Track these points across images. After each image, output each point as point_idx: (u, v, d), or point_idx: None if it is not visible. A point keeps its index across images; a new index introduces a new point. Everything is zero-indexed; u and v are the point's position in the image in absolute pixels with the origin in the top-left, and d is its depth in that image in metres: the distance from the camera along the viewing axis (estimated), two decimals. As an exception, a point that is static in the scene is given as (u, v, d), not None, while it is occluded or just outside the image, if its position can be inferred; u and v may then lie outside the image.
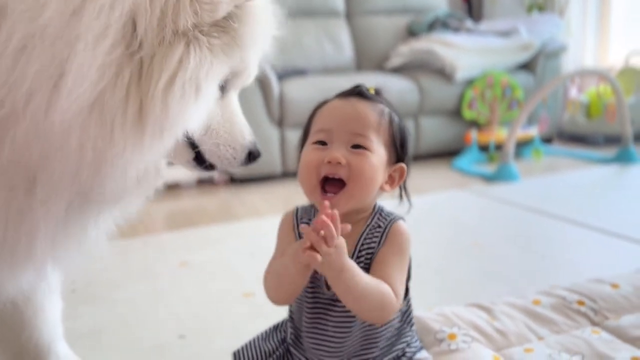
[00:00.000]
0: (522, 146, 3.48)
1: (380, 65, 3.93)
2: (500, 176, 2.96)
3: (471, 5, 4.84)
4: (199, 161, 0.92)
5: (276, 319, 1.10)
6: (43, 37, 0.69)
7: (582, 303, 1.29)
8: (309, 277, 0.89)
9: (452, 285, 1.67)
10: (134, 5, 0.73)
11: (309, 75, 3.51)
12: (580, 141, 4.01)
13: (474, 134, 3.47)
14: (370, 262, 0.92)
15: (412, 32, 4.09)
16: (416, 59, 3.72)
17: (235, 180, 3.21)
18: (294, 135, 3.19)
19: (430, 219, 2.32)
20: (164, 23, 0.74)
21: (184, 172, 2.86)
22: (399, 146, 0.95)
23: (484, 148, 3.51)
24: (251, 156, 0.95)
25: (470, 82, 3.61)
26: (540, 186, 2.87)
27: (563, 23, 4.16)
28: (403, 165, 0.96)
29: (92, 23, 0.70)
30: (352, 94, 0.95)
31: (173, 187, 3.07)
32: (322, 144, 0.91)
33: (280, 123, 3.19)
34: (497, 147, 3.42)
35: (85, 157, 0.73)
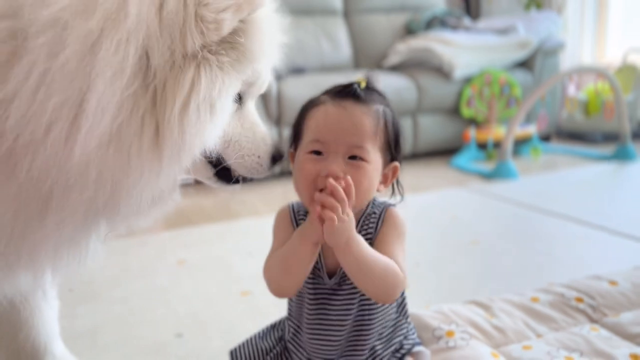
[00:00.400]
0: (521, 144, 3.48)
1: (378, 64, 3.92)
2: (499, 174, 2.96)
3: (469, 3, 4.84)
4: (221, 176, 0.93)
5: (274, 318, 1.10)
6: (63, 72, 0.70)
7: (580, 300, 1.29)
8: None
9: (450, 282, 1.67)
10: (147, 36, 0.73)
11: (307, 74, 3.50)
12: (578, 139, 4.00)
13: (472, 132, 3.47)
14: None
15: (410, 30, 4.08)
16: (414, 57, 3.72)
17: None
18: (292, 133, 3.19)
19: (428, 216, 2.32)
20: (174, 48, 0.74)
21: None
22: (394, 147, 0.95)
23: (483, 146, 3.50)
24: (275, 159, 0.95)
25: (468, 80, 3.61)
26: (539, 184, 2.86)
27: (561, 20, 4.16)
28: (397, 164, 0.96)
29: (110, 59, 0.71)
30: (346, 95, 0.92)
31: (171, 186, 3.06)
32: (317, 153, 0.90)
33: (278, 122, 3.19)
34: (495, 145, 3.42)
35: (103, 187, 0.75)
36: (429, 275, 1.70)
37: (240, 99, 0.89)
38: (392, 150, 0.94)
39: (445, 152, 3.61)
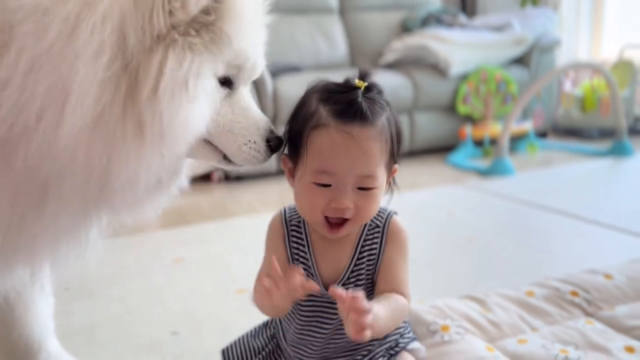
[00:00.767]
0: (517, 140, 3.48)
1: (374, 61, 3.92)
2: (495, 171, 2.96)
3: (464, 0, 4.84)
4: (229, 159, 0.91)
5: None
6: (49, 57, 0.71)
7: (575, 294, 1.29)
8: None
9: (447, 279, 1.67)
10: (122, 16, 0.73)
11: (303, 72, 3.50)
12: (575, 135, 4.01)
13: (468, 129, 3.47)
14: (373, 265, 0.93)
15: (405, 28, 4.08)
16: (410, 54, 3.72)
17: (230, 178, 3.20)
18: (289, 132, 3.18)
19: (425, 213, 2.32)
20: (145, 28, 0.74)
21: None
22: (396, 153, 0.92)
23: (479, 143, 3.51)
24: (272, 143, 0.91)
25: (464, 77, 3.61)
26: (535, 180, 2.87)
27: (556, 17, 4.16)
28: (396, 167, 0.94)
29: (88, 41, 0.71)
30: (352, 118, 0.84)
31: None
32: (324, 185, 0.86)
33: (274, 120, 3.18)
34: (491, 141, 3.42)
35: (92, 171, 0.74)
36: (425, 272, 1.70)
37: (230, 84, 0.87)
38: (395, 156, 0.92)
39: (442, 149, 3.60)
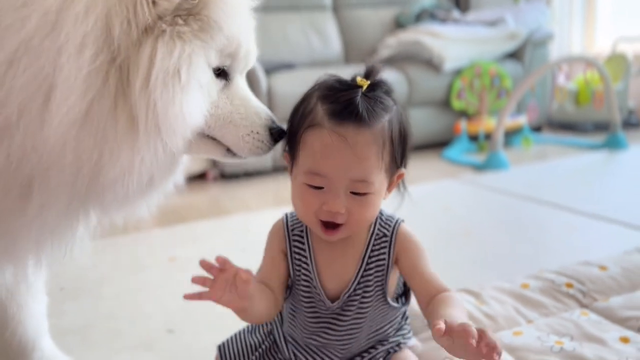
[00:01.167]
0: (512, 135, 3.49)
1: (368, 58, 3.91)
2: (490, 165, 2.96)
3: (458, -5, 4.83)
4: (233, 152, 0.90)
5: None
6: (28, 50, 0.69)
7: (570, 285, 1.29)
8: (306, 293, 0.92)
9: (443, 272, 1.64)
10: (107, 8, 0.71)
11: (297, 69, 3.49)
12: (569, 129, 4.02)
13: (463, 124, 3.47)
14: (382, 275, 0.91)
15: (399, 24, 4.08)
16: (404, 50, 3.72)
17: (225, 176, 3.19)
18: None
19: (420, 208, 2.31)
20: (131, 20, 0.72)
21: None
22: (400, 157, 0.87)
23: (474, 138, 3.51)
24: (275, 132, 0.89)
25: (458, 72, 3.61)
26: (530, 174, 2.87)
27: (549, 11, 4.16)
28: (402, 172, 0.89)
29: (71, 33, 0.70)
30: (347, 118, 0.80)
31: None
32: (317, 187, 0.83)
33: (269, 117, 3.18)
34: (486, 136, 3.42)
35: (81, 169, 0.73)
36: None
37: (225, 75, 0.86)
38: (398, 160, 0.87)
39: (437, 144, 3.60)
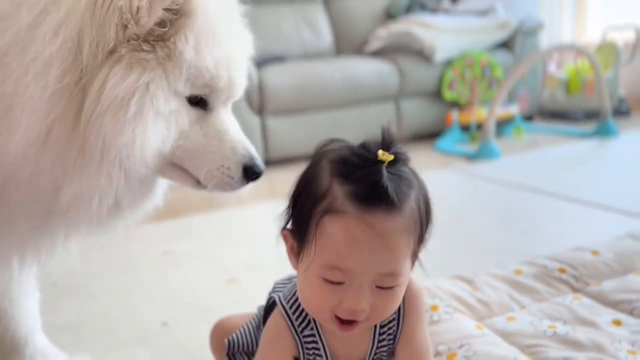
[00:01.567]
0: (503, 124, 3.49)
1: (359, 49, 3.91)
2: (482, 154, 2.97)
3: (448, -14, 4.82)
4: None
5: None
6: (1, 64, 0.68)
7: (563, 271, 1.30)
8: None
9: (436, 260, 1.65)
10: (78, 28, 0.69)
11: (289, 62, 3.48)
12: (560, 117, 4.03)
13: (455, 115, 3.48)
14: (394, 338, 0.84)
15: (390, 15, 4.07)
16: (395, 41, 3.71)
17: (217, 170, 3.18)
18: (276, 122, 3.17)
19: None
20: (99, 42, 0.70)
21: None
22: (425, 238, 0.78)
23: (465, 128, 3.51)
24: (248, 172, 0.85)
25: (449, 63, 3.61)
26: (522, 162, 2.88)
27: (539, 0, 4.17)
28: (423, 249, 0.81)
29: (39, 52, 0.68)
30: (376, 204, 0.69)
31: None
32: (336, 283, 0.72)
33: (261, 111, 3.17)
34: (478, 126, 3.43)
35: (38, 187, 0.71)
36: (414, 255, 1.70)
37: (204, 104, 0.81)
38: (423, 240, 0.78)
39: (429, 135, 3.61)
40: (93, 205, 0.74)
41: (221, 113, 0.85)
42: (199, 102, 0.80)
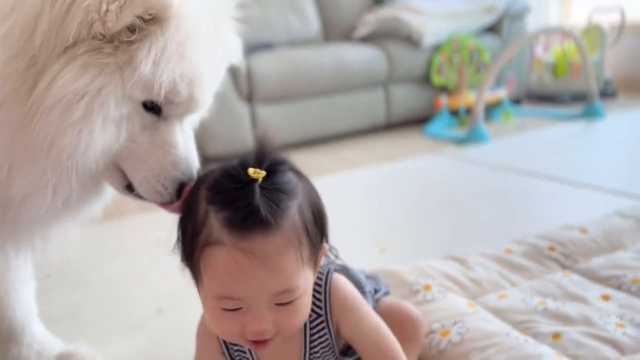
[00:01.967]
0: (492, 108, 3.51)
1: (347, 36, 3.90)
2: (472, 138, 2.99)
3: (435, -29, 4.81)
4: (132, 188, 0.84)
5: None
6: None
7: (552, 249, 1.32)
8: None
9: (428, 242, 1.69)
10: (36, 14, 0.68)
11: (276, 49, 3.47)
12: (548, 100, 4.06)
13: (444, 100, 3.49)
14: (330, 346, 0.83)
15: (377, 0, 4.06)
16: (383, 27, 3.70)
17: (207, 159, 3.17)
18: (265, 110, 3.17)
19: (404, 182, 2.34)
20: (56, 35, 0.68)
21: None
22: (320, 238, 0.76)
23: (455, 112, 3.53)
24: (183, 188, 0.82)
25: (437, 48, 3.61)
26: (511, 145, 2.91)
27: (526, -17, 4.17)
28: (325, 247, 0.78)
29: None
30: (251, 227, 0.67)
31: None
32: (234, 309, 0.71)
33: (250, 99, 3.16)
34: (467, 111, 3.45)
35: None
36: (406, 236, 1.73)
37: (159, 111, 0.79)
38: (318, 243, 0.75)
39: (419, 120, 3.62)
40: (43, 200, 0.74)
41: (175, 126, 0.82)
42: (154, 108, 0.78)
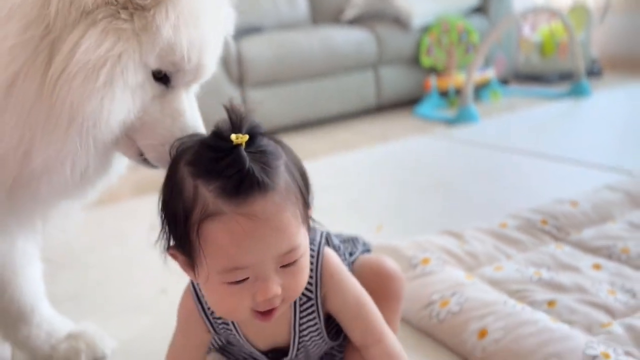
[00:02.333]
0: (481, 89, 3.55)
1: (336, 18, 3.89)
2: (461, 119, 3.03)
3: (422, -48, 4.80)
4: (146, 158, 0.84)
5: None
6: None
7: (545, 222, 1.36)
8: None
9: (423, 221, 1.73)
10: None
11: (265, 33, 3.46)
12: (536, 80, 4.10)
13: (433, 81, 3.51)
14: (320, 328, 0.84)
15: (365, -18, 4.05)
16: (372, 9, 3.70)
17: (200, 144, 3.18)
18: (256, 94, 3.17)
19: (396, 163, 2.37)
20: (72, 2, 0.68)
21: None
22: (307, 197, 0.76)
23: (444, 93, 3.56)
24: None
25: (426, 29, 3.63)
26: (500, 125, 2.94)
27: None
28: (310, 209, 0.78)
29: (1, 3, 0.67)
30: (249, 191, 0.67)
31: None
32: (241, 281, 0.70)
33: (241, 82, 3.16)
34: (456, 91, 3.48)
35: (2, 141, 0.70)
36: (400, 215, 1.76)
37: (167, 80, 0.79)
38: (308, 200, 0.76)
39: (408, 102, 3.64)
40: (65, 171, 0.74)
41: (182, 94, 0.83)
42: (162, 77, 0.79)
